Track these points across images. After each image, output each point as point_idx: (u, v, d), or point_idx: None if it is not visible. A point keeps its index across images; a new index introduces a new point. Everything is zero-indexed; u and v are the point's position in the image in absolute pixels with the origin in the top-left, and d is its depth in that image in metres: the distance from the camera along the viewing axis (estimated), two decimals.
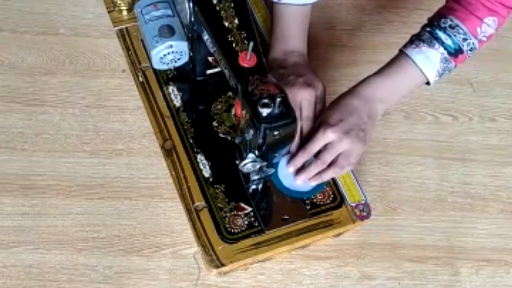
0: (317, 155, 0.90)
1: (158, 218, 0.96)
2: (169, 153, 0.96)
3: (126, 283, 0.91)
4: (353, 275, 0.94)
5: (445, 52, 0.88)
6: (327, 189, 0.95)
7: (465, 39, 0.87)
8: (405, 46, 0.91)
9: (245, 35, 0.87)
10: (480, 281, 0.95)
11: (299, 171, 0.91)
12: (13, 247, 0.92)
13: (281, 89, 0.81)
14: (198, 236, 0.90)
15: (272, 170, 0.92)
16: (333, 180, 0.95)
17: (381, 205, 1.00)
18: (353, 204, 0.93)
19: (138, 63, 1.04)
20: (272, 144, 0.84)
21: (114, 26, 1.09)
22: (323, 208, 0.93)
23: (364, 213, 0.93)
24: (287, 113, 0.80)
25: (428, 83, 0.91)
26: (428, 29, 0.89)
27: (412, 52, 0.89)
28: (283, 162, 0.93)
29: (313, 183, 0.92)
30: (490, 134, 1.09)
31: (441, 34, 0.88)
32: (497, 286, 0.95)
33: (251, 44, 0.80)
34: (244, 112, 0.84)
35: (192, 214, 0.91)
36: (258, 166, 0.88)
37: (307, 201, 0.93)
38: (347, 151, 0.89)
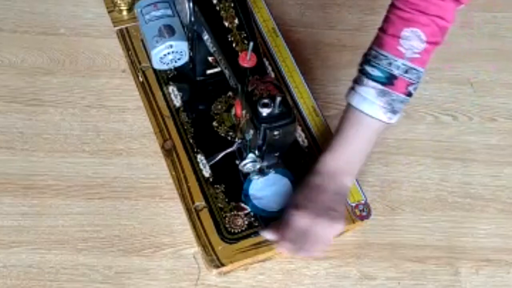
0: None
1: (158, 218, 0.96)
2: (169, 153, 0.96)
3: (126, 283, 0.91)
4: (353, 275, 0.94)
5: (377, 84, 0.80)
6: None
7: (389, 63, 0.79)
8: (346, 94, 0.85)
9: (245, 35, 0.88)
10: (480, 281, 0.95)
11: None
12: (13, 247, 0.92)
13: (281, 89, 0.81)
14: (198, 236, 0.90)
15: (272, 171, 0.92)
16: None
17: (381, 205, 1.00)
18: (353, 204, 0.93)
19: (138, 63, 1.04)
20: (272, 144, 0.84)
21: (114, 26, 1.09)
22: None
23: (364, 213, 0.93)
24: (287, 113, 0.80)
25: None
26: (359, 67, 0.84)
27: (348, 96, 0.83)
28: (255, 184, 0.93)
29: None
30: (490, 134, 1.09)
31: (367, 67, 0.81)
32: (497, 286, 0.95)
33: (251, 44, 0.80)
34: (244, 112, 0.84)
35: (192, 214, 0.91)
36: (258, 166, 0.88)
37: None
38: (317, 235, 0.84)
